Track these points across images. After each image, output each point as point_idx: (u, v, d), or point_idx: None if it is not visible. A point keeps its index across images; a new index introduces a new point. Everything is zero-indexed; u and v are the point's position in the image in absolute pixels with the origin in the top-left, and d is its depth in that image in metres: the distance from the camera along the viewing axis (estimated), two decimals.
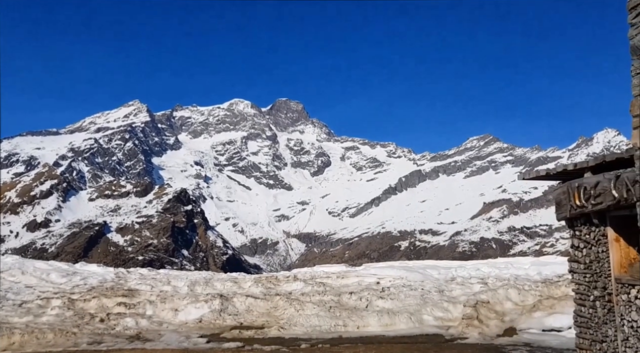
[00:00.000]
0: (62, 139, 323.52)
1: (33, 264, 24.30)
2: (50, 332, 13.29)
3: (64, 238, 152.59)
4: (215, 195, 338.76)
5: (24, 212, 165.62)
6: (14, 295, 18.01)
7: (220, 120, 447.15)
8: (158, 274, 21.98)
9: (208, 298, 16.13)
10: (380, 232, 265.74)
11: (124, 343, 12.33)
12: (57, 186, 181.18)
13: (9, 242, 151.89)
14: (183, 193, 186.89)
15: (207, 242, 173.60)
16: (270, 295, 16.96)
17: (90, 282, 20.14)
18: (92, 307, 16.15)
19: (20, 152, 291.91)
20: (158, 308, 15.86)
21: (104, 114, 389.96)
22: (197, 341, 12.47)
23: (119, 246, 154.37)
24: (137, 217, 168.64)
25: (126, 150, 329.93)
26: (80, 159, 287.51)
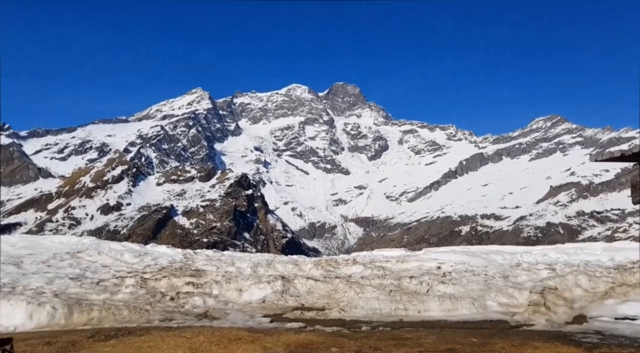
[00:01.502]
0: (131, 127, 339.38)
1: (108, 245, 25.82)
2: (125, 309, 14.11)
3: (135, 221, 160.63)
4: (274, 180, 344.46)
5: (97, 196, 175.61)
6: (91, 274, 19.26)
7: (278, 106, 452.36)
8: (223, 256, 22.78)
9: (270, 280, 16.55)
10: (439, 216, 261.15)
11: (192, 321, 12.92)
12: (127, 171, 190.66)
13: (85, 224, 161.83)
14: (244, 178, 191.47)
15: (267, 226, 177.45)
16: (330, 277, 17.17)
17: (160, 262, 21.17)
18: (163, 286, 17.00)
19: (93, 140, 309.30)
20: (223, 288, 16.46)
21: (169, 102, 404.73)
22: (261, 320, 12.86)
23: (185, 229, 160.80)
24: (202, 201, 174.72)
25: (190, 137, 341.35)
26: (148, 145, 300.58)
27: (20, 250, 24.86)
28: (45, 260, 22.10)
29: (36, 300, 14.61)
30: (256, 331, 10.47)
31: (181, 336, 9.68)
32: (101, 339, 10.16)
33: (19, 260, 22.05)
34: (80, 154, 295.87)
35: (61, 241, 27.88)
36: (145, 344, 9.19)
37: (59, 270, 20.22)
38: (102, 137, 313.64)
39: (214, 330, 10.50)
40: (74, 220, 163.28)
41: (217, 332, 10.13)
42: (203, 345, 8.97)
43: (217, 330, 10.49)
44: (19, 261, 21.93)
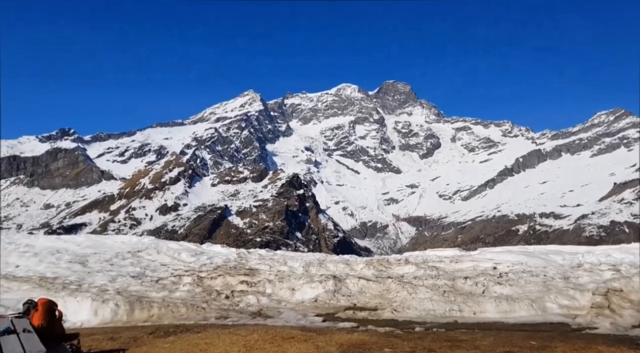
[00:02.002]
0: (186, 129, 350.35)
1: (166, 244, 26.77)
2: (183, 306, 14.58)
3: (191, 221, 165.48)
4: (325, 180, 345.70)
5: (156, 196, 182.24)
6: (151, 272, 20.02)
7: (328, 106, 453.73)
8: (275, 255, 23.10)
9: (322, 279, 16.63)
10: (495, 215, 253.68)
11: (247, 319, 13.17)
12: (183, 173, 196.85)
13: (144, 224, 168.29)
14: (295, 178, 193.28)
15: (319, 225, 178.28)
16: (382, 277, 17.06)
17: (215, 261, 21.72)
18: (218, 285, 17.44)
19: (152, 143, 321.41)
20: (276, 287, 16.69)
21: (222, 105, 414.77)
22: (314, 320, 12.94)
23: (239, 228, 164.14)
24: (254, 201, 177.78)
25: (243, 138, 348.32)
26: (203, 147, 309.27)
27: (86, 249, 26.19)
28: (109, 259, 23.17)
29: (100, 297, 15.34)
30: (309, 330, 10.55)
31: (236, 334, 9.89)
32: (161, 336, 10.54)
33: (84, 259, 23.23)
34: (139, 157, 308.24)
35: (123, 241, 29.16)
36: (202, 341, 9.45)
37: (121, 268, 21.16)
38: (159, 140, 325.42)
39: (268, 328, 10.66)
40: (135, 221, 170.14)
41: (270, 330, 10.28)
42: (257, 343, 9.12)
43: (270, 328, 10.65)
44: (85, 260, 23.11)
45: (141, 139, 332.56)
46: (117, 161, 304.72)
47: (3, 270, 21.57)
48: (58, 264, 22.23)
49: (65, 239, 31.26)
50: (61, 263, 22.46)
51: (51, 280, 18.93)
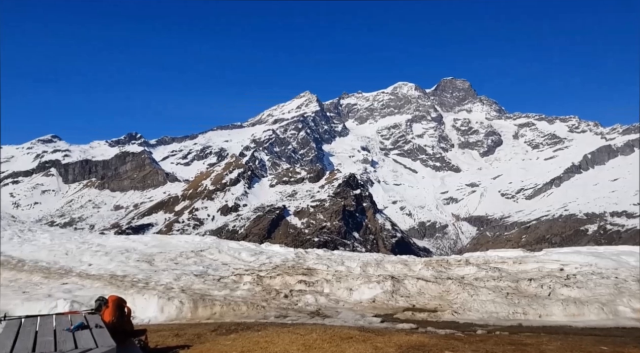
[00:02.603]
0: (245, 132, 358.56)
1: (227, 244, 27.51)
2: (244, 305, 14.93)
3: (251, 221, 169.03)
4: (382, 179, 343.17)
5: (217, 197, 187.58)
6: (213, 271, 20.62)
7: (384, 105, 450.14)
8: (332, 255, 23.19)
9: (380, 279, 16.52)
10: (562, 214, 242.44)
11: (305, 318, 13.30)
12: (243, 174, 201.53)
13: (207, 224, 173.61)
14: (352, 178, 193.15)
15: (376, 225, 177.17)
16: (441, 278, 16.74)
17: (274, 260, 22.08)
18: (277, 284, 17.72)
19: (213, 145, 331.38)
20: (334, 287, 16.75)
21: (279, 106, 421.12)
22: (372, 320, 12.88)
23: (297, 228, 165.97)
24: (312, 201, 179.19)
25: (299, 139, 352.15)
26: (261, 148, 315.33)
27: (152, 248, 27.37)
28: (173, 258, 24.09)
29: (166, 295, 15.98)
30: (367, 330, 10.51)
31: (295, 333, 10.01)
32: (223, 333, 10.85)
33: (151, 258, 24.28)
34: (201, 159, 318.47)
35: (186, 240, 30.24)
36: (262, 339, 9.63)
37: (185, 267, 21.95)
38: (220, 143, 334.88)
39: (326, 328, 10.71)
40: (198, 221, 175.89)
41: (329, 330, 10.33)
42: (316, 343, 9.19)
43: (329, 328, 10.70)
44: (151, 259, 24.15)
45: (203, 141, 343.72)
46: (181, 163, 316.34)
47: (77, 269, 22.92)
48: (127, 263, 23.36)
49: (134, 239, 32.82)
50: (130, 262, 23.59)
51: (121, 278, 19.92)
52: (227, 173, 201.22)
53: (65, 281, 20.34)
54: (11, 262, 25.59)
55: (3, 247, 29.67)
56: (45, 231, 37.40)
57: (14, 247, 29.68)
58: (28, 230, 36.13)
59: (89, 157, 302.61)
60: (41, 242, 30.97)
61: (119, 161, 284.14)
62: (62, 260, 25.27)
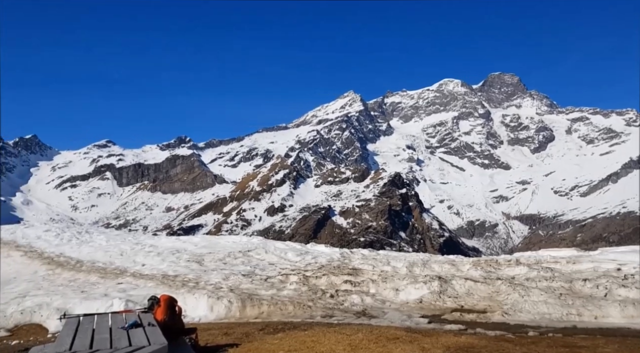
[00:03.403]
0: (290, 133, 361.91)
1: (273, 244, 27.87)
2: (290, 304, 15.09)
3: (297, 221, 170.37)
4: (428, 178, 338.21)
5: (264, 198, 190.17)
6: (260, 271, 20.94)
7: (430, 102, 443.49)
8: (378, 255, 23.06)
9: (427, 280, 16.31)
10: (620, 212, 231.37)
11: (351, 318, 13.30)
12: (288, 175, 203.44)
13: (254, 225, 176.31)
14: (397, 177, 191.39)
15: (423, 224, 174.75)
16: (490, 279, 16.34)
17: (319, 260, 22.19)
18: (323, 284, 17.80)
19: (259, 147, 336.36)
20: (380, 287, 16.67)
21: (323, 107, 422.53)
22: (419, 321, 12.74)
23: (342, 228, 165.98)
24: (357, 201, 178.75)
25: (344, 139, 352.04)
26: (306, 149, 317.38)
27: (202, 249, 28.09)
28: (222, 258, 24.63)
29: (215, 294, 16.37)
30: (414, 331, 10.41)
31: (341, 333, 10.03)
32: (270, 332, 11.02)
33: (200, 258, 24.92)
34: (248, 161, 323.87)
35: (234, 241, 30.84)
36: (309, 338, 9.71)
37: (233, 267, 22.40)
38: (265, 144, 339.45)
39: (372, 328, 10.68)
40: (245, 222, 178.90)
41: (375, 330, 10.29)
42: (362, 343, 9.18)
43: (375, 328, 10.67)
44: (201, 259, 24.78)
45: (249, 143, 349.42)
46: (228, 165, 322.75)
47: (131, 269, 23.81)
48: (178, 263, 24.07)
49: (184, 240, 33.77)
50: (181, 262, 24.29)
51: (172, 277, 20.54)
52: (273, 174, 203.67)
53: (120, 281, 21.18)
54: (70, 262, 26.88)
55: (63, 249, 31.20)
56: (101, 233, 39.03)
57: (73, 249, 31.15)
58: (85, 232, 37.81)
59: (141, 160, 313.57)
60: (97, 244, 32.36)
61: (169, 164, 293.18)
62: (117, 261, 26.33)
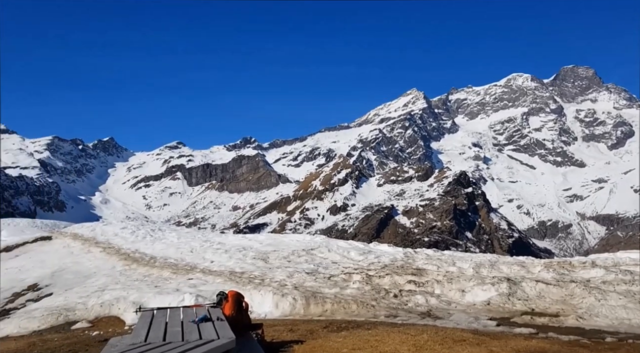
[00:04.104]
0: (352, 132, 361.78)
1: (336, 243, 28.01)
2: (354, 303, 15.11)
3: (359, 221, 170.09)
4: (496, 176, 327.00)
5: (326, 197, 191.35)
6: (323, 269, 21.12)
7: (497, 98, 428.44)
8: (443, 255, 22.60)
9: (495, 281, 15.81)
10: None
11: (416, 319, 13.14)
12: (351, 174, 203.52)
13: (317, 223, 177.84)
14: (463, 175, 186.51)
15: (491, 225, 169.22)
16: (563, 281, 15.60)
17: (382, 260, 22.06)
18: (386, 283, 17.68)
19: (321, 146, 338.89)
20: (445, 288, 16.34)
21: (385, 105, 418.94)
22: (487, 323, 12.38)
23: (406, 228, 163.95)
24: (420, 200, 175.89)
25: (407, 138, 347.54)
26: (368, 148, 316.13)
27: (267, 247, 28.71)
28: (286, 256, 25.07)
29: (280, 291, 16.69)
30: (481, 334, 10.14)
31: (405, 333, 9.93)
32: (334, 330, 11.10)
33: (266, 256, 25.48)
34: (310, 161, 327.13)
35: (298, 239, 31.29)
36: (373, 338, 9.69)
37: (297, 265, 22.73)
38: (328, 144, 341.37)
39: (438, 329, 10.51)
40: (308, 220, 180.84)
41: (440, 331, 10.12)
42: (427, 344, 9.05)
43: (440, 329, 10.49)
44: (266, 257, 25.34)
45: (311, 143, 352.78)
46: (292, 165, 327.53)
47: (201, 265, 24.74)
48: (244, 260, 24.75)
49: (250, 238, 34.67)
50: (247, 259, 24.96)
51: (239, 274, 21.15)
52: (336, 173, 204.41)
53: (191, 276, 22.07)
54: (145, 258, 28.33)
55: (138, 245, 32.93)
56: (173, 230, 40.82)
57: (147, 245, 32.80)
58: (158, 230, 39.68)
59: (209, 161, 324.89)
60: (170, 241, 33.87)
61: (235, 164, 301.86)
62: (187, 257, 27.45)
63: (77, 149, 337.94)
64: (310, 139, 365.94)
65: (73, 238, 37.66)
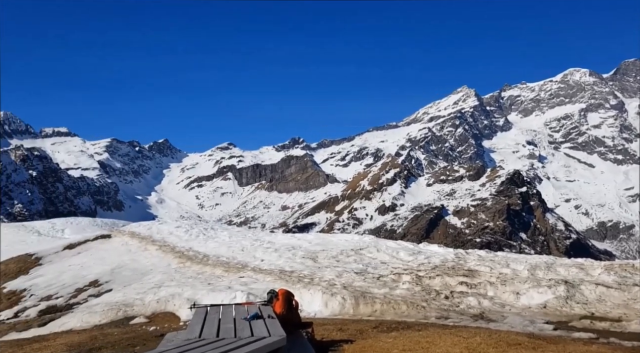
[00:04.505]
0: (400, 131, 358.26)
1: (385, 243, 27.80)
2: (404, 304, 14.96)
3: (408, 221, 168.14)
4: (552, 175, 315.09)
5: (375, 197, 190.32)
6: (372, 269, 21.02)
7: (553, 94, 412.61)
8: (496, 256, 21.99)
9: (551, 284, 15.25)
10: None
11: (468, 321, 12.86)
12: (399, 174, 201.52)
13: (365, 223, 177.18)
14: (516, 174, 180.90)
15: (547, 225, 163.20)
16: (626, 285, 14.85)
17: (433, 261, 21.71)
18: (437, 284, 17.40)
19: (369, 146, 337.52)
20: (499, 290, 15.90)
21: (435, 104, 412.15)
22: (543, 327, 11.96)
23: (456, 228, 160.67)
24: (472, 200, 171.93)
25: (457, 136, 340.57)
26: (417, 147, 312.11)
27: (316, 246, 28.86)
28: (335, 256, 25.11)
29: (329, 290, 16.74)
30: (538, 338, 9.81)
31: (457, 335, 9.75)
32: (384, 330, 11.03)
33: (314, 255, 25.62)
34: (358, 160, 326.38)
35: (346, 239, 31.27)
36: (423, 339, 9.56)
37: (345, 265, 22.73)
38: (376, 143, 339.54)
39: (491, 332, 10.25)
40: (357, 220, 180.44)
41: (494, 334, 9.86)
42: (480, 347, 8.84)
43: (494, 332, 10.23)
44: (315, 256, 25.48)
45: (359, 143, 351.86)
46: (339, 165, 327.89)
47: (252, 264, 25.19)
48: (294, 259, 24.99)
49: (299, 237, 34.97)
50: (296, 258, 25.19)
51: (288, 273, 21.38)
52: (384, 173, 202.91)
53: (242, 275, 22.50)
54: (198, 256, 29.12)
55: (191, 244, 33.90)
56: (224, 229, 41.74)
57: (200, 244, 33.71)
58: (211, 229, 40.69)
59: (259, 161, 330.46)
60: (221, 240, 34.66)
61: (284, 164, 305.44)
62: (238, 256, 28.00)
63: (134, 150, 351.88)
64: (358, 138, 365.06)
65: (131, 236, 39.20)
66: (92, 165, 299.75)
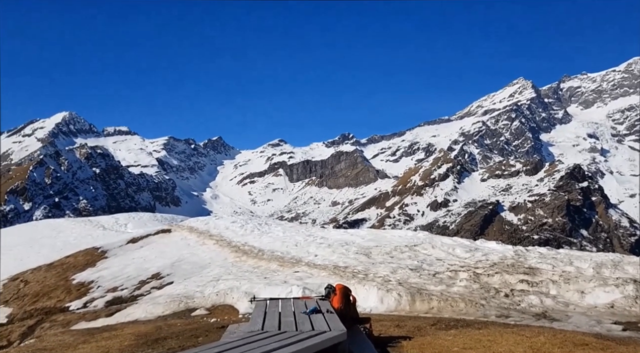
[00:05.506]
0: (453, 125, 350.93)
1: (440, 239, 27.36)
2: (461, 301, 14.70)
3: (462, 217, 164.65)
4: (615, 170, 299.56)
5: (426, 193, 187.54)
6: (427, 266, 20.77)
7: (616, 85, 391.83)
8: (558, 254, 21.20)
9: (619, 283, 14.57)
10: None
11: (530, 320, 12.50)
12: (452, 169, 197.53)
13: (417, 219, 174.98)
14: (577, 169, 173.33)
15: (610, 222, 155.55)
16: None
17: (491, 258, 21.19)
18: (496, 282, 16.98)
19: (420, 141, 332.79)
20: (562, 289, 15.35)
21: (489, 96, 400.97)
22: (611, 327, 11.46)
23: (513, 225, 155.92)
24: (529, 195, 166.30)
25: (513, 130, 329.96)
26: (470, 142, 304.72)
27: (369, 242, 28.80)
28: (388, 252, 24.98)
29: (384, 286, 16.69)
30: (606, 338, 9.42)
31: (520, 334, 9.51)
32: (442, 328, 10.89)
33: (368, 251, 25.58)
34: (409, 155, 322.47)
35: (399, 235, 31.02)
36: (484, 338, 9.39)
37: (399, 261, 22.57)
38: (427, 138, 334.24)
39: (555, 332, 9.93)
40: (408, 216, 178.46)
41: (559, 334, 9.55)
42: (544, 346, 8.60)
43: (558, 332, 9.90)
44: (368, 252, 25.44)
45: (410, 138, 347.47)
46: (390, 160, 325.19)
47: (305, 259, 25.46)
48: (347, 255, 25.05)
49: (351, 233, 34.99)
50: (349, 254, 25.25)
51: (342, 268, 21.47)
52: (436, 168, 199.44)
53: (297, 269, 22.79)
54: (253, 251, 29.73)
55: (246, 238, 34.65)
56: (278, 225, 42.36)
57: (255, 239, 34.39)
58: (265, 224, 41.41)
59: (309, 157, 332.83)
60: (275, 235, 35.22)
61: (334, 160, 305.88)
62: (292, 251, 28.37)
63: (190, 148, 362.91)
64: (409, 133, 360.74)
65: (189, 231, 40.49)
66: (150, 163, 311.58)
